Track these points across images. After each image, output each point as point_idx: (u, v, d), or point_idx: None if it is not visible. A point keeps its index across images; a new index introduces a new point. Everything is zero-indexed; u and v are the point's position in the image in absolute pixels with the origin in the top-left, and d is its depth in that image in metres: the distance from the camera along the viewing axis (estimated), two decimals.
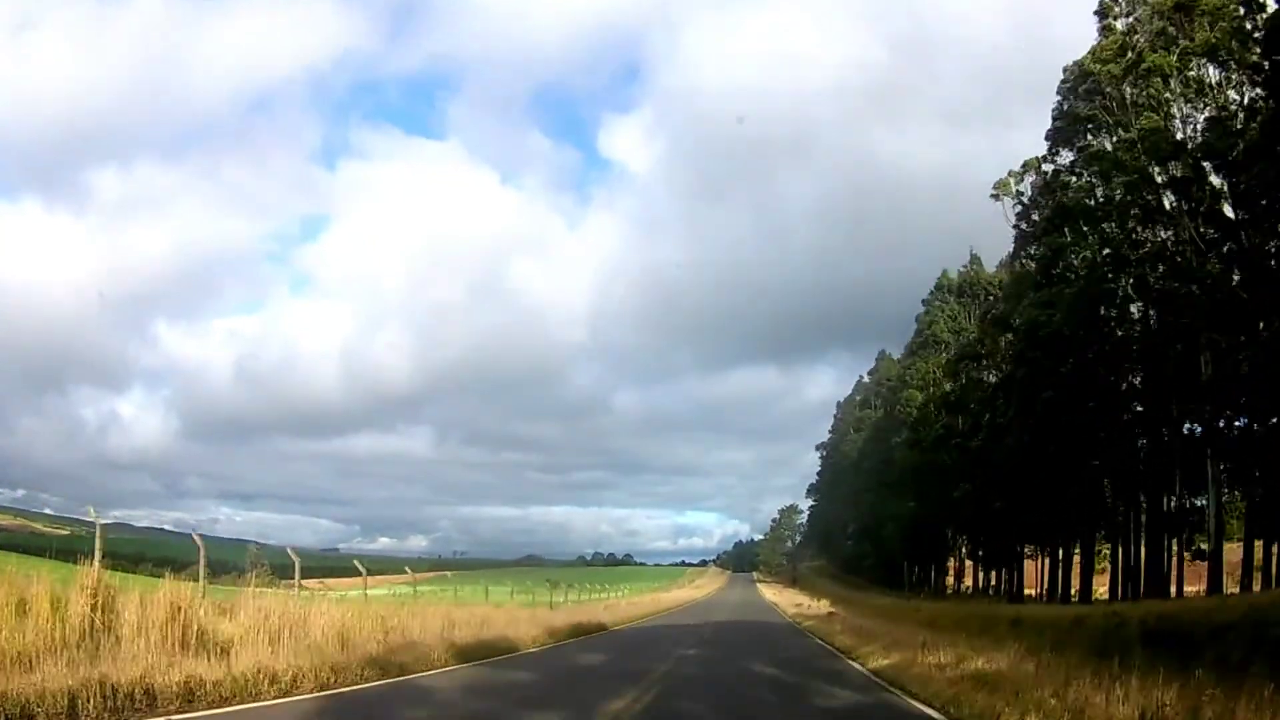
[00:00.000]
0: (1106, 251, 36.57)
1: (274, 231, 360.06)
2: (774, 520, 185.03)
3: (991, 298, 60.77)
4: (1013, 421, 42.18)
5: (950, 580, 75.78)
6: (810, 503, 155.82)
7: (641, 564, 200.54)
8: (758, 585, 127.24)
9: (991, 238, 55.54)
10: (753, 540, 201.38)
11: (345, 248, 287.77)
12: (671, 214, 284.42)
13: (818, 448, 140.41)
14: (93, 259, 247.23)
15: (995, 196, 46.79)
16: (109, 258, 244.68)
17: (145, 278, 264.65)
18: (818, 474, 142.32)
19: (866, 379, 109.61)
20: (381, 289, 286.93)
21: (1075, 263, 38.42)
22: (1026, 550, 54.70)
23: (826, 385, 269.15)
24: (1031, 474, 40.06)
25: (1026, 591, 55.10)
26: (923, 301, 73.11)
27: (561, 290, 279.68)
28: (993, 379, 51.60)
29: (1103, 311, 36.72)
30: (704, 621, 39.17)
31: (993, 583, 62.53)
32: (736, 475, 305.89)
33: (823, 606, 50.32)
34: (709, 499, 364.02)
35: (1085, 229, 37.43)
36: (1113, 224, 36.04)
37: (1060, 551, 48.20)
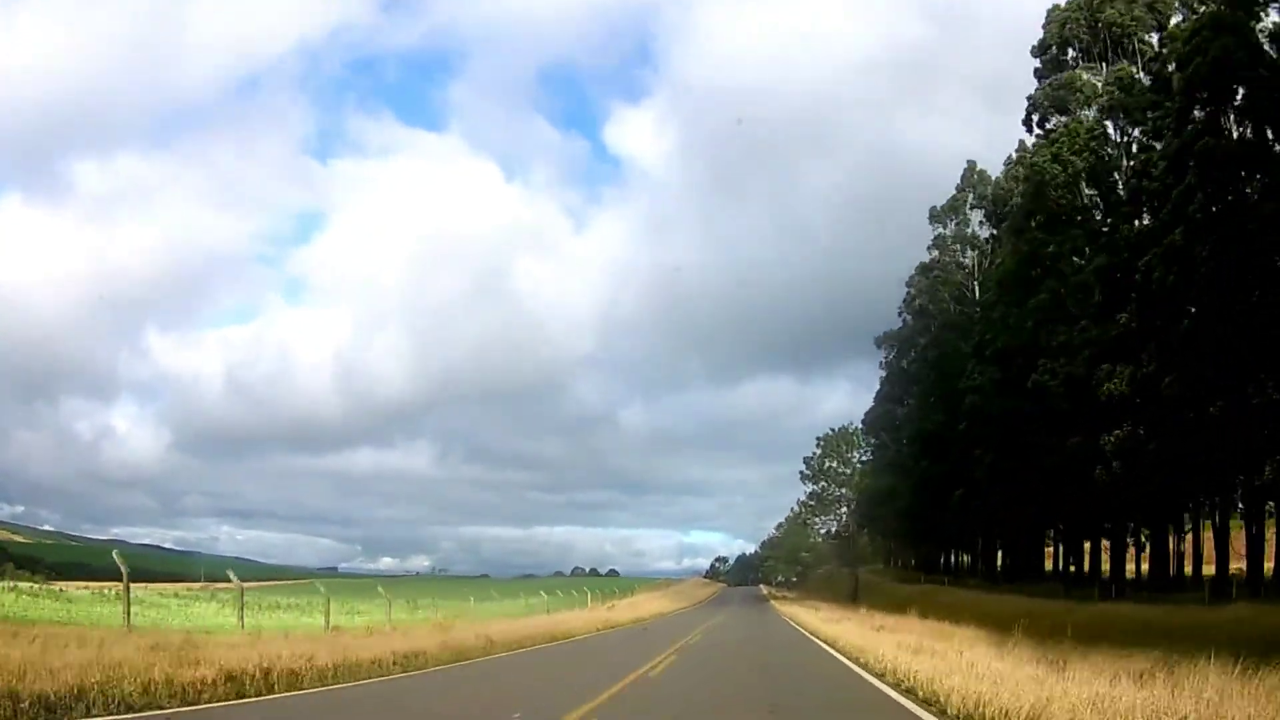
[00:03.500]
0: None
1: (266, 231, 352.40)
2: (806, 467, 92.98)
3: None
4: None
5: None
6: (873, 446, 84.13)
7: (625, 579, 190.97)
8: (772, 603, 75.82)
9: None
10: (758, 552, 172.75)
11: (340, 249, 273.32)
12: (684, 211, 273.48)
13: (877, 342, 75.78)
14: (78, 260, 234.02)
15: None
16: (95, 258, 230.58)
17: (132, 281, 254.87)
18: (878, 390, 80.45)
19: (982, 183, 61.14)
20: (378, 293, 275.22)
21: None
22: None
23: (841, 402, 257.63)
24: None
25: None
26: None
27: (566, 293, 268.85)
28: None
29: None
30: None
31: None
32: (744, 495, 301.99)
33: None
34: (715, 519, 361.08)
35: None
36: None
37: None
